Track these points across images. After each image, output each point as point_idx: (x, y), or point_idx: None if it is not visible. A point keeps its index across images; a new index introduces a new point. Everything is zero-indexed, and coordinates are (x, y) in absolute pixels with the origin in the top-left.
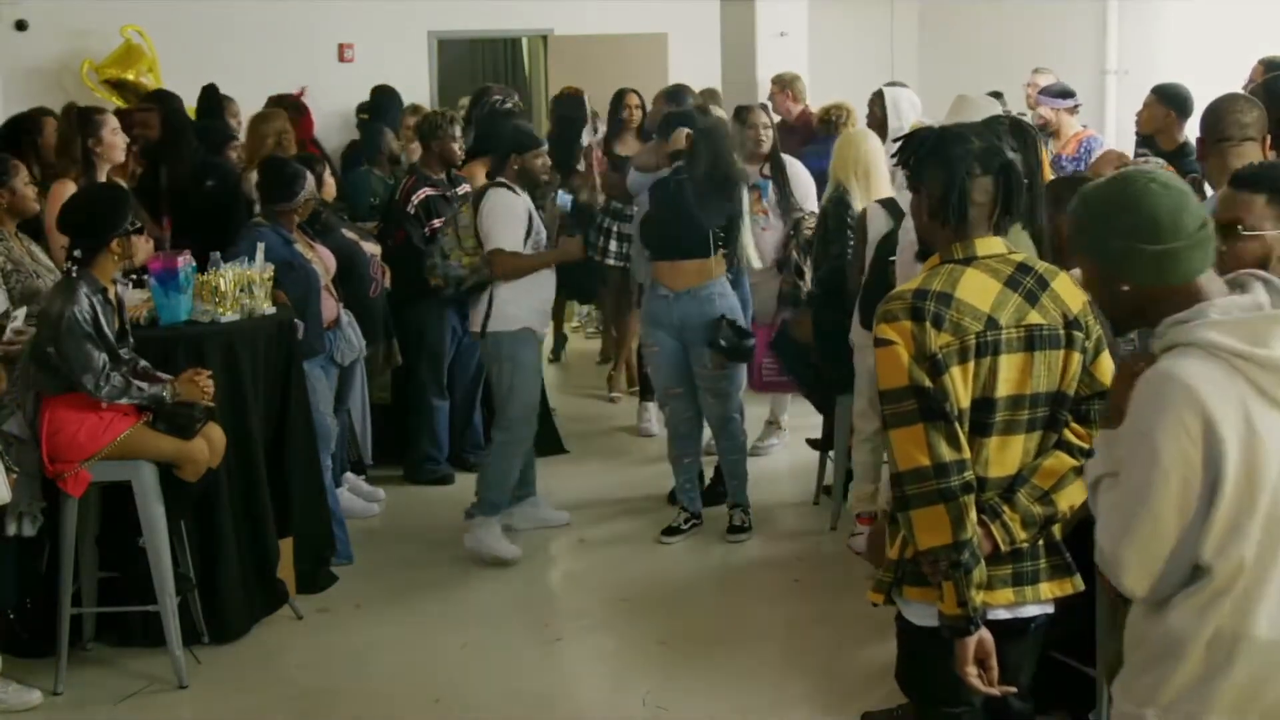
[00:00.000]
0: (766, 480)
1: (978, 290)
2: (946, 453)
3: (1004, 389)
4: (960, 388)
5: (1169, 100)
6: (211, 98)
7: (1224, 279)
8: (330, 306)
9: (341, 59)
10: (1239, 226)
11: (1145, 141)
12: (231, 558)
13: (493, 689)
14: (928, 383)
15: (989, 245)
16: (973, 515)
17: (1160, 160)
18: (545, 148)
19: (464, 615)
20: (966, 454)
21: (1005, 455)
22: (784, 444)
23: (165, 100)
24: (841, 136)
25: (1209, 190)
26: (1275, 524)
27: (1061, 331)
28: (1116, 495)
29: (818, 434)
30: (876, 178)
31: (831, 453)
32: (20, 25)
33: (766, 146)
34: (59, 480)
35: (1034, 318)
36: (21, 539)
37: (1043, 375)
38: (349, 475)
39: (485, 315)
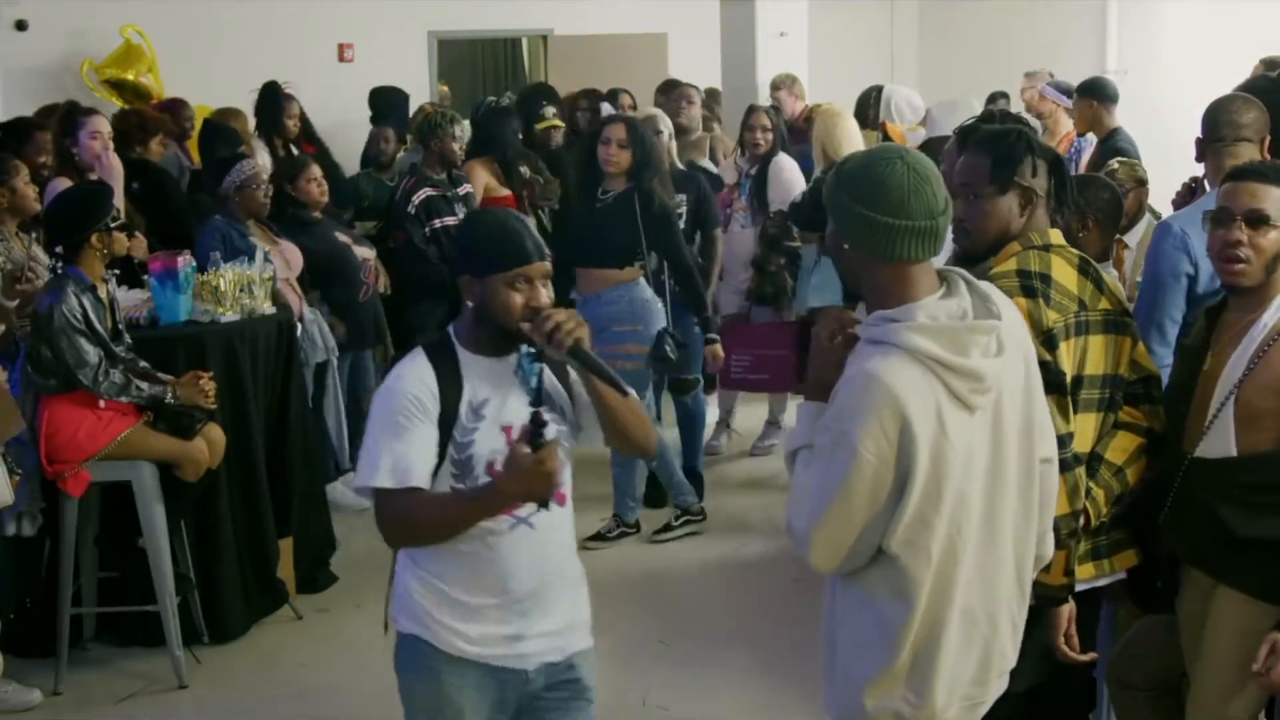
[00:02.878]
0: (766, 479)
1: (1065, 274)
2: (1062, 425)
3: (1089, 368)
4: (1066, 364)
5: (1088, 92)
6: (272, 96)
7: (936, 270)
8: (293, 303)
9: (341, 59)
10: (1269, 218)
11: (1110, 150)
12: (231, 558)
13: None
14: (1049, 356)
15: (1058, 236)
16: (1084, 485)
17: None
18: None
19: None
20: (1074, 427)
21: (1082, 433)
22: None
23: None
24: (819, 116)
25: (1209, 188)
26: (958, 516)
27: (1122, 318)
28: (813, 477)
29: None
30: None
31: None
32: (20, 25)
33: (763, 149)
34: (59, 480)
35: (1104, 303)
36: (21, 539)
37: (1110, 357)
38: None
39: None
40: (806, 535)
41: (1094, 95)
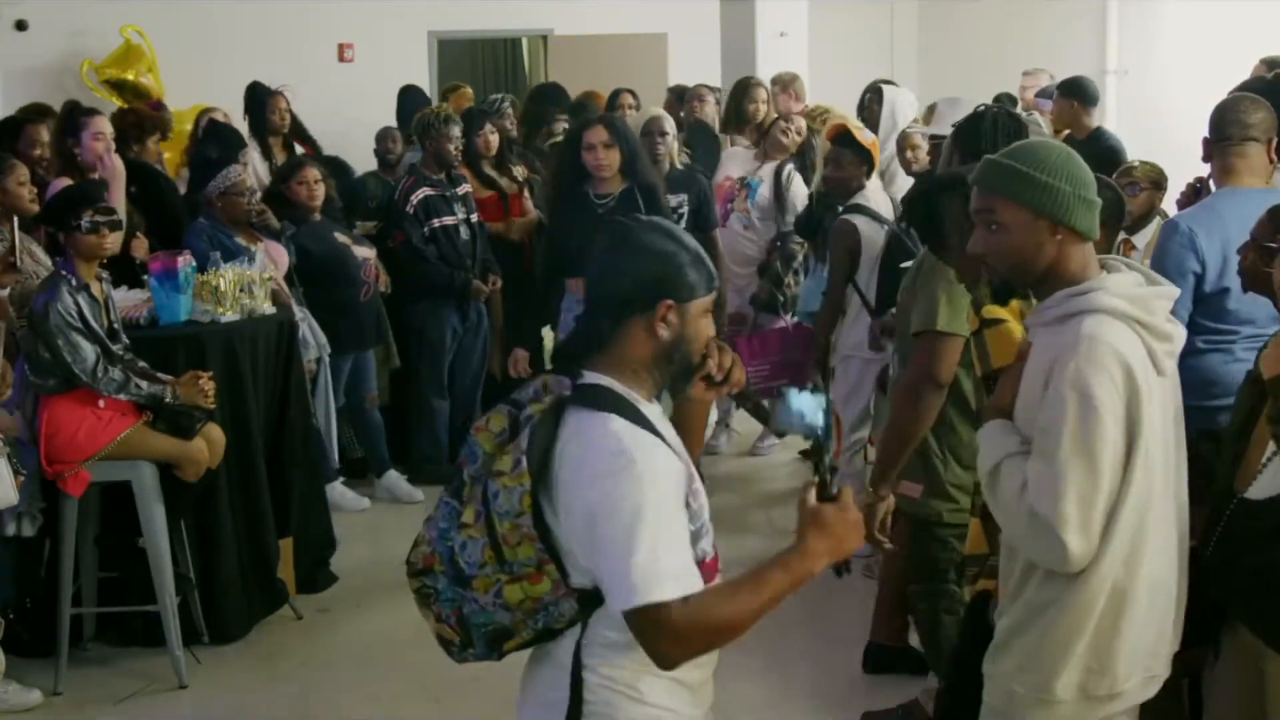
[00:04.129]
0: (766, 480)
1: None
2: None
3: None
4: None
5: (1070, 92)
6: (255, 95)
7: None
8: None
9: (341, 59)
10: None
11: (1068, 141)
12: (231, 558)
13: (493, 689)
14: None
15: None
16: None
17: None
18: None
19: None
20: None
21: None
22: (783, 444)
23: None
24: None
25: (1214, 188)
26: (1152, 483)
27: None
28: (1044, 462)
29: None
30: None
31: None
32: (20, 25)
33: (763, 116)
34: (59, 480)
35: None
36: (21, 539)
37: None
38: (391, 474)
39: None
40: (1058, 511)
41: (1074, 95)
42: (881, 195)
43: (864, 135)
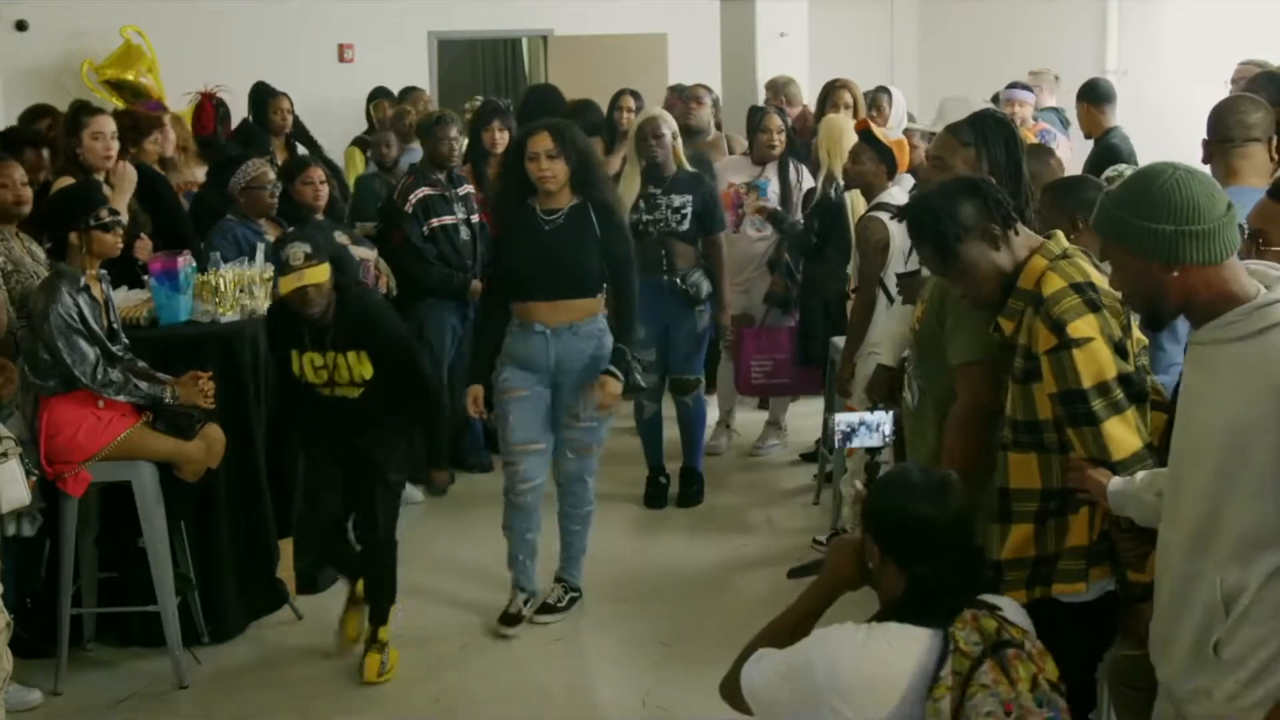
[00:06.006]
0: (766, 481)
1: (1096, 276)
2: (1140, 437)
3: (1136, 364)
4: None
5: (1081, 97)
6: (257, 94)
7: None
8: None
9: (341, 59)
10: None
11: (1103, 149)
12: (231, 558)
13: (493, 689)
14: (1130, 368)
15: (1064, 240)
16: None
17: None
18: None
19: (463, 615)
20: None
21: (1137, 431)
22: (784, 445)
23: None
24: (824, 124)
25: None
26: None
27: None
28: None
29: (816, 435)
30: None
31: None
32: (20, 25)
33: (778, 150)
34: (59, 481)
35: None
36: (21, 539)
37: (1138, 347)
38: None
39: None
40: None
41: (1085, 98)
42: (905, 197)
43: (888, 134)
